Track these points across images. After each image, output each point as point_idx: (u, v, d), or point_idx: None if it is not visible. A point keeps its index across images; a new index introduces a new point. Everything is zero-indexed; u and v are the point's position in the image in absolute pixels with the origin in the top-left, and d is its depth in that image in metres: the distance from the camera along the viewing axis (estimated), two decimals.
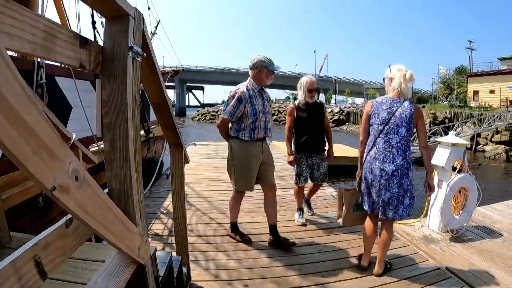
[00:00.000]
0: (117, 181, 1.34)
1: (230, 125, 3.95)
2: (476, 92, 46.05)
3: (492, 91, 42.57)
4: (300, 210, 4.90)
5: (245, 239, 4.07)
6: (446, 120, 32.43)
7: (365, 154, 3.42)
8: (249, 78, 3.98)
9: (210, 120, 53.83)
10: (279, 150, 12.26)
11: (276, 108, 54.80)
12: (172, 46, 15.48)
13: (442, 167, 4.68)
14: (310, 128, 4.70)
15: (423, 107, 41.44)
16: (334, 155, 4.98)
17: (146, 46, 1.59)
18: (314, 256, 3.78)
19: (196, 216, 4.86)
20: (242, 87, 3.89)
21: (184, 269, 2.64)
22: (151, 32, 13.07)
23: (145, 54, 1.48)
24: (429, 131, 24.16)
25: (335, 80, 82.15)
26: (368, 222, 3.56)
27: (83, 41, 1.18)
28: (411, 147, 3.57)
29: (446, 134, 20.11)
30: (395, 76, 3.28)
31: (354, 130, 41.90)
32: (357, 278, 3.37)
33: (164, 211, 5.00)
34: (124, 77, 1.31)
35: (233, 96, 3.80)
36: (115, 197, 1.34)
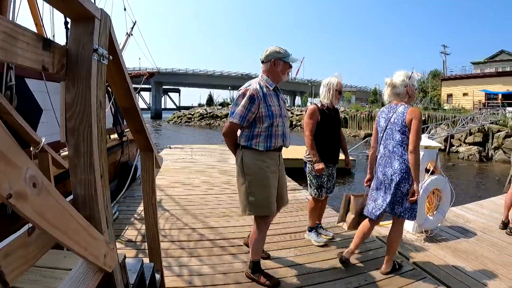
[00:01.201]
0: (81, 187, 1.31)
1: (239, 132, 3.23)
2: (450, 95, 47.90)
3: (465, 94, 44.23)
4: (315, 228, 4.43)
5: (274, 283, 3.25)
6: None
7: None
8: (260, 74, 3.32)
9: (186, 123, 53.57)
10: None
11: None
12: (148, 48, 15.32)
13: None
14: (334, 134, 4.33)
15: None
16: (300, 157, 4.94)
17: (113, 49, 1.55)
18: (288, 260, 3.75)
19: (169, 221, 4.79)
20: (253, 83, 3.20)
21: (158, 276, 2.59)
22: (127, 33, 12.90)
23: (111, 57, 1.45)
24: None
25: (311, 83, 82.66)
26: (365, 222, 3.66)
27: (46, 44, 1.14)
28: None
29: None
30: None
31: None
32: (334, 280, 3.37)
33: (138, 217, 4.91)
34: (89, 81, 1.27)
35: (244, 95, 3.09)
36: (80, 204, 1.31)
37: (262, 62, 3.30)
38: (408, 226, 4.90)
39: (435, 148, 4.91)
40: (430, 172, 4.74)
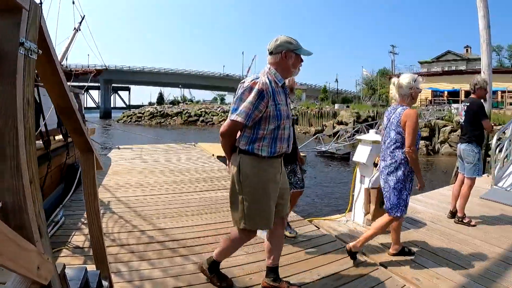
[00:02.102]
0: (9, 194, 1.19)
1: (238, 133, 2.80)
2: None
3: None
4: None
5: (228, 284, 3.14)
6: (369, 119, 34.47)
7: None
8: (267, 66, 2.84)
9: (136, 122, 52.53)
10: (204, 151, 12.25)
11: (203, 109, 54.46)
12: (96, 44, 14.84)
13: (364, 163, 4.83)
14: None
15: (347, 106, 43.36)
16: None
17: (45, 43, 1.44)
18: (241, 258, 3.68)
19: (118, 224, 4.60)
20: (261, 76, 2.75)
21: (105, 283, 2.47)
22: (75, 28, 12.44)
23: (41, 51, 1.34)
24: (353, 129, 25.52)
25: None
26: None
27: None
28: (337, 144, 3.78)
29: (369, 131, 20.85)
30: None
31: None
32: (288, 276, 3.30)
33: (86, 221, 4.67)
34: (14, 77, 1.16)
35: (251, 89, 2.64)
36: (9, 212, 1.19)
37: (271, 53, 2.83)
38: (359, 219, 4.99)
39: None
40: (378, 166, 4.80)
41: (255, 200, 2.76)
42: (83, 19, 12.13)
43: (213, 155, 11.25)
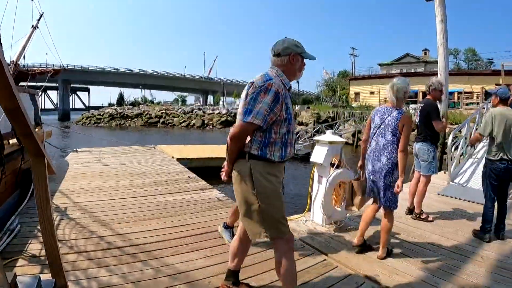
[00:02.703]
0: None
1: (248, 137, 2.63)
2: (357, 94, 51.53)
3: (372, 93, 48.08)
4: (231, 228, 4.29)
5: None
6: (329, 119, 35.19)
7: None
8: (274, 68, 2.72)
9: (96, 124, 50.96)
10: (164, 153, 12.18)
11: (164, 111, 53.86)
12: (54, 42, 14.26)
13: (321, 164, 4.87)
14: None
15: (308, 107, 44.02)
16: (221, 156, 4.83)
17: None
18: (200, 261, 3.66)
19: (76, 230, 4.44)
20: (274, 78, 2.61)
21: None
22: (32, 26, 11.97)
23: None
24: (313, 129, 25.91)
25: (223, 82, 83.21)
26: (368, 208, 4.20)
27: None
28: (297, 144, 3.82)
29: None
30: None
31: None
32: (247, 278, 3.30)
33: None
34: None
35: (266, 89, 2.50)
36: None
37: (278, 55, 2.71)
38: (318, 218, 5.04)
39: (339, 143, 5.07)
40: (335, 166, 4.88)
41: (273, 207, 2.60)
42: (41, 16, 11.73)
43: (172, 157, 11.15)
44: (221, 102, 74.83)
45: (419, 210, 5.50)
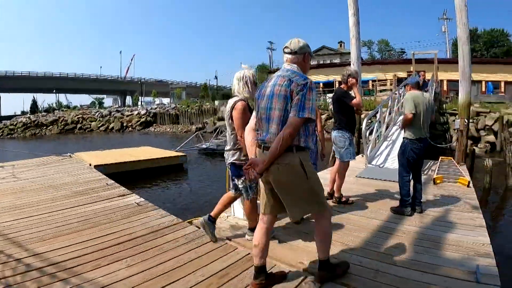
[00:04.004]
0: None
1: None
2: None
3: None
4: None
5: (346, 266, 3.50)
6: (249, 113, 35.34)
7: None
8: (294, 66, 3.04)
9: (9, 136, 46.01)
10: (82, 161, 11.84)
11: (81, 115, 51.21)
12: None
13: None
14: None
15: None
16: (140, 158, 4.82)
17: None
18: (121, 272, 3.58)
19: None
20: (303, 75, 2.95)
21: None
22: None
23: None
24: None
25: (140, 81, 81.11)
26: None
27: None
28: (214, 140, 3.90)
29: None
30: None
31: (162, 131, 42.50)
32: (172, 283, 3.34)
33: None
34: None
35: (310, 87, 2.84)
36: None
37: (295, 53, 3.05)
38: (239, 213, 5.13)
39: None
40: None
41: (320, 186, 3.07)
42: None
43: (90, 164, 10.86)
44: (139, 103, 73.06)
45: (338, 194, 5.88)
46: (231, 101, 4.14)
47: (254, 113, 3.30)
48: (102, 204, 6.12)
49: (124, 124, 47.74)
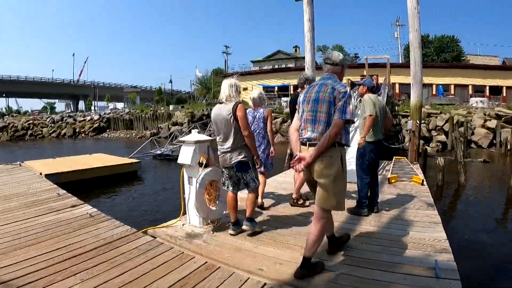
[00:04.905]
0: None
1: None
2: None
3: (245, 89, 49.92)
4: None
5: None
6: (204, 117, 35.67)
7: None
8: (333, 75, 3.58)
9: None
10: (32, 170, 11.32)
11: (31, 121, 49.11)
12: None
13: (189, 164, 4.95)
14: None
15: (182, 107, 44.31)
16: (93, 166, 4.73)
17: None
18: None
19: None
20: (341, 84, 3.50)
21: None
22: None
23: None
24: (188, 128, 26.38)
25: (94, 85, 79.09)
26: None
27: None
28: (169, 146, 3.95)
29: (204, 129, 21.36)
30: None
31: (116, 137, 41.73)
32: (122, 286, 3.26)
33: None
34: None
35: (350, 95, 3.39)
36: None
37: (336, 64, 3.58)
38: (194, 220, 5.08)
39: (206, 142, 5.11)
40: (204, 165, 4.93)
41: (345, 188, 3.62)
42: None
43: (40, 173, 10.44)
44: (92, 107, 71.24)
45: (296, 196, 5.97)
46: (229, 105, 4.51)
47: (296, 115, 3.76)
48: (53, 216, 5.85)
49: (77, 130, 46.45)
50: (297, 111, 3.77)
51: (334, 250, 4.01)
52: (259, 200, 5.78)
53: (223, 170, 4.83)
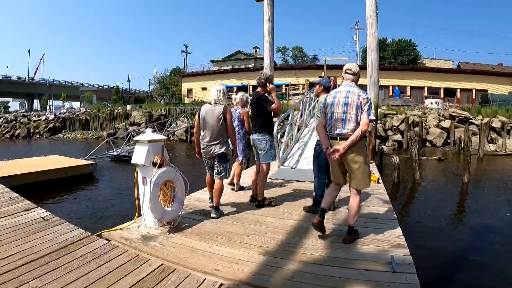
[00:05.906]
0: None
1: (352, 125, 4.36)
2: (190, 90, 54.30)
3: (204, 88, 50.94)
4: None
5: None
6: (162, 117, 35.48)
7: None
8: (353, 84, 4.50)
9: None
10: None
11: None
12: None
13: (143, 164, 4.84)
14: None
15: (140, 107, 43.74)
16: (47, 168, 4.58)
17: None
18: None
19: None
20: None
21: None
22: None
23: None
24: (146, 128, 26.15)
25: (49, 83, 76.62)
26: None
27: None
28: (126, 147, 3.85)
29: (162, 130, 21.25)
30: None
31: (72, 137, 40.55)
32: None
33: None
34: None
35: (371, 100, 4.48)
36: None
37: (355, 74, 4.55)
38: (150, 222, 4.96)
39: (160, 141, 5.07)
40: (158, 165, 4.85)
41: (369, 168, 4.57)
42: None
43: None
44: (48, 107, 69.05)
45: (261, 197, 5.96)
46: (219, 107, 5.39)
47: (322, 115, 4.55)
48: (5, 221, 5.53)
49: (31, 131, 44.52)
50: (321, 112, 4.63)
51: (350, 240, 4.42)
52: (239, 183, 7.30)
53: (204, 160, 5.69)
